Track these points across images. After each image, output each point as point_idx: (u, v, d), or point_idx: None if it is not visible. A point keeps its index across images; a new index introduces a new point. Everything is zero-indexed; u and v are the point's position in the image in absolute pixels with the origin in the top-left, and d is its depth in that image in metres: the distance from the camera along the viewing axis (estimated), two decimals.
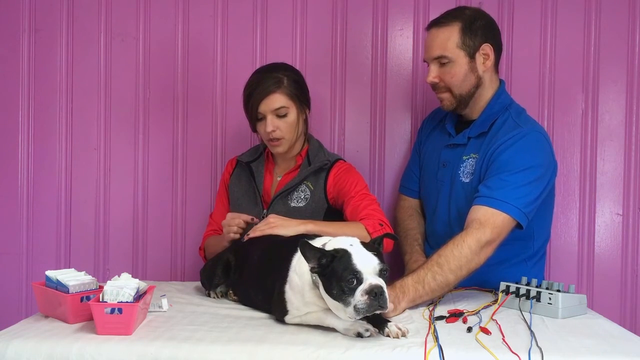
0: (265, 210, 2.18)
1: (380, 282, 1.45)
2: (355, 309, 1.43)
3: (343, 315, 1.49)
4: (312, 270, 1.51)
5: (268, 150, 2.27)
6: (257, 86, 2.10)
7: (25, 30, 2.64)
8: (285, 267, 1.64)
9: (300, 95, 2.16)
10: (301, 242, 1.49)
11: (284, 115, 2.11)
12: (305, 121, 2.23)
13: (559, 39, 2.54)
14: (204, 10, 2.62)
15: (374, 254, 1.48)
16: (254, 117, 2.14)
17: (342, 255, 1.47)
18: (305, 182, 2.18)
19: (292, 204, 2.16)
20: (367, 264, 1.46)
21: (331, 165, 2.19)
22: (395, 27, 2.60)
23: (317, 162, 2.18)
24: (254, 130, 2.20)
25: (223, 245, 2.10)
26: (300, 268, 1.58)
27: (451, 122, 2.24)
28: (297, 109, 2.15)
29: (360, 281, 1.44)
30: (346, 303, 1.45)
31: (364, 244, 1.52)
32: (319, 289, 1.52)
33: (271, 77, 2.11)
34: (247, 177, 2.27)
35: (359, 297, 1.43)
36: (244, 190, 2.27)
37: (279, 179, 2.25)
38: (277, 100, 2.10)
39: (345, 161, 2.25)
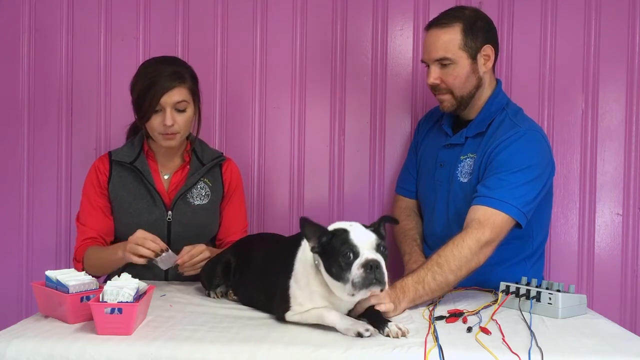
0: (169, 212, 2.16)
1: (377, 256, 1.47)
2: (352, 283, 1.45)
3: (343, 295, 1.50)
4: (312, 250, 1.54)
5: (147, 148, 2.22)
6: (158, 77, 2.05)
7: (25, 30, 2.64)
8: (290, 262, 1.65)
9: (197, 92, 2.17)
10: (301, 218, 1.53)
11: (183, 110, 2.09)
12: (198, 119, 2.21)
13: (559, 39, 2.54)
14: (204, 10, 2.61)
15: (372, 231, 1.52)
16: (151, 109, 2.06)
17: (341, 233, 1.51)
18: (202, 179, 2.20)
19: (196, 202, 2.18)
20: (364, 239, 1.49)
21: (222, 160, 2.26)
22: (395, 27, 2.60)
23: (210, 158, 2.23)
24: (144, 123, 2.11)
25: (118, 258, 1.98)
26: (303, 255, 1.61)
27: (448, 122, 2.23)
28: (194, 106, 2.14)
29: (357, 255, 1.47)
30: (345, 280, 1.47)
31: (364, 225, 1.55)
32: (321, 274, 1.54)
33: (172, 70, 2.08)
34: (133, 178, 2.17)
35: (355, 270, 1.45)
36: (135, 193, 2.16)
37: (165, 177, 2.22)
38: (179, 93, 2.07)
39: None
